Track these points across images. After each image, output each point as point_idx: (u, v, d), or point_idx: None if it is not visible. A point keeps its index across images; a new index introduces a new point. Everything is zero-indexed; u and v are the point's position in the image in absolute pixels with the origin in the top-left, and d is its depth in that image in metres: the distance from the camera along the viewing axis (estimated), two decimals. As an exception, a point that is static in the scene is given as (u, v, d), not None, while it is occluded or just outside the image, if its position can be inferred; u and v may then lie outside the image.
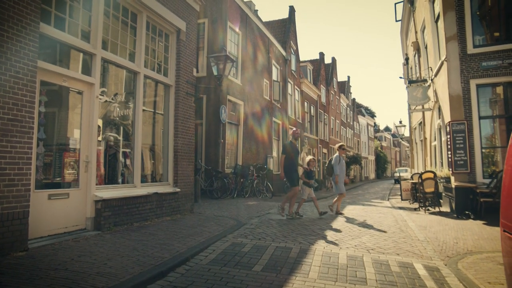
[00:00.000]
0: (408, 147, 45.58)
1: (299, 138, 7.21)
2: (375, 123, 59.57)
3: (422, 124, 13.53)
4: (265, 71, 17.51)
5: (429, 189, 9.50)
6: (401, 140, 63.92)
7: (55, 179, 5.00)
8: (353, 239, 5.53)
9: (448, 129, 8.71)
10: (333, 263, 4.22)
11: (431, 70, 10.87)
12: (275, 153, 18.96)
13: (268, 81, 17.86)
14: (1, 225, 3.80)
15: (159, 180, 7.25)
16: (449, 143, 8.63)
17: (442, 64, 9.28)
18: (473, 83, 8.48)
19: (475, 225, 7.02)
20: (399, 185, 13.84)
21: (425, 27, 11.70)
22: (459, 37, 8.63)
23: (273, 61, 18.83)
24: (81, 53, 5.33)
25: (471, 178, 8.35)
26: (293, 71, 22.36)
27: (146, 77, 6.67)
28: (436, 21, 10.14)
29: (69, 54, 5.24)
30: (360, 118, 48.52)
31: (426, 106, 11.49)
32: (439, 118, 10.36)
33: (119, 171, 6.36)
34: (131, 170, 6.39)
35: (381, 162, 54.35)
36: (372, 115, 60.99)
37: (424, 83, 11.11)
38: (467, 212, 8.06)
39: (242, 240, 5.24)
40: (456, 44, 8.64)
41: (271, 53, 18.33)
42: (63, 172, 5.05)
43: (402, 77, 17.47)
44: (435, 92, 10.51)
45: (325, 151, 30.41)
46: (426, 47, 12.09)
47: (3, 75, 3.88)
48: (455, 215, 8.31)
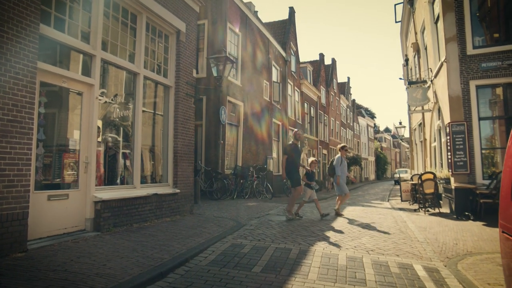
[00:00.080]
0: (408, 148, 45.56)
1: (300, 139, 7.24)
2: (375, 124, 59.62)
3: (422, 125, 13.53)
4: (265, 72, 17.52)
5: (428, 190, 9.49)
6: (401, 141, 63.84)
7: (54, 180, 5.00)
8: (352, 240, 5.53)
9: (447, 130, 8.72)
10: (332, 264, 4.22)
11: (431, 71, 10.88)
12: (275, 154, 18.96)
13: (268, 82, 17.87)
14: (0, 226, 3.80)
15: (159, 181, 7.25)
16: (448, 144, 8.64)
17: (441, 65, 9.29)
18: (473, 84, 8.49)
19: (474, 226, 7.02)
20: (399, 186, 13.83)
21: (424, 28, 11.71)
22: (458, 38, 8.64)
23: (273, 62, 18.84)
24: (81, 54, 5.33)
25: (470, 179, 8.35)
26: (293, 72, 22.38)
27: (145, 78, 6.68)
28: (435, 22, 10.16)
29: (69, 55, 5.25)
30: (360, 119, 48.56)
31: (425, 107, 11.50)
32: (438, 119, 10.37)
33: (119, 172, 6.35)
34: (130, 171, 6.39)
35: (381, 163, 54.36)
36: (372, 116, 61.03)
37: (423, 84, 11.12)
38: (467, 213, 8.06)
39: (241, 241, 5.24)
40: (455, 45, 8.65)
41: (271, 54, 18.34)
42: (63, 173, 5.05)
43: (402, 78, 17.48)
44: (434, 93, 10.51)
45: (325, 152, 30.42)
46: (425, 48, 12.10)
47: (3, 76, 3.88)
48: (455, 216, 8.31)
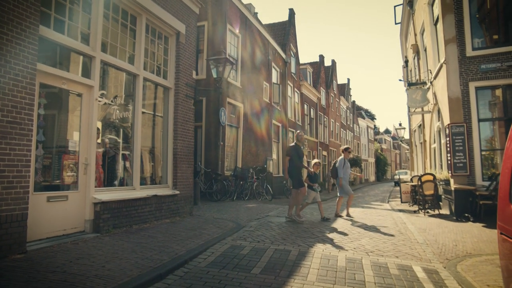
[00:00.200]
0: (408, 150, 45.58)
1: (302, 140, 7.30)
2: (375, 125, 59.63)
3: (421, 126, 13.54)
4: (264, 73, 17.54)
5: (428, 191, 9.49)
6: (401, 142, 63.94)
7: (54, 181, 5.00)
8: (352, 242, 5.52)
9: (447, 132, 8.72)
10: (332, 266, 4.21)
11: (431, 72, 10.89)
12: (275, 155, 18.97)
13: (267, 83, 17.89)
14: (-1, 228, 3.80)
15: (159, 182, 7.24)
16: (448, 145, 8.64)
17: (441, 66, 9.30)
18: (472, 86, 8.50)
19: (474, 228, 7.02)
20: (399, 188, 13.82)
21: (424, 30, 11.73)
22: (458, 39, 8.65)
23: (273, 64, 18.86)
24: (81, 56, 5.34)
25: (470, 180, 8.35)
26: (292, 74, 22.39)
27: (145, 79, 6.68)
28: (435, 24, 10.17)
29: (68, 56, 5.25)
30: (360, 120, 48.57)
31: (425, 108, 11.51)
32: (438, 120, 10.37)
33: (118, 173, 6.35)
34: (130, 172, 6.38)
35: (381, 164, 54.33)
36: (372, 117, 61.02)
37: (423, 86, 11.13)
38: (466, 214, 8.05)
39: (241, 242, 5.24)
40: (455, 46, 8.66)
41: (270, 55, 18.36)
42: (62, 174, 5.05)
43: (401, 80, 17.51)
44: (434, 94, 10.52)
45: (324, 153, 30.40)
46: (425, 50, 12.12)
47: (2, 78, 3.89)
48: (455, 218, 8.30)
